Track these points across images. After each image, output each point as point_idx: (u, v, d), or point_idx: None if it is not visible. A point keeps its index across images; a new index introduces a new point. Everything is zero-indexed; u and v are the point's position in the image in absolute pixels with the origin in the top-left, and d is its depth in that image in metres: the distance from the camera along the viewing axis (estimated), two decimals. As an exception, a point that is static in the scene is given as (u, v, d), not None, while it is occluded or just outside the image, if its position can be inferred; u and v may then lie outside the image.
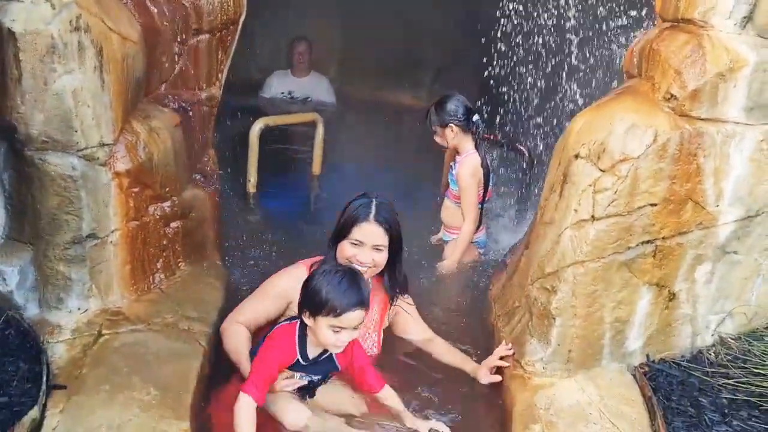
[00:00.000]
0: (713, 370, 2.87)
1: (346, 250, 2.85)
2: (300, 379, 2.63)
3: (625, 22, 4.17)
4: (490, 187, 3.96)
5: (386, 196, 2.95)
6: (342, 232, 2.86)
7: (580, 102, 4.49)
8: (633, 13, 4.10)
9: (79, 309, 2.83)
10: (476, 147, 3.86)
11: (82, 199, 2.72)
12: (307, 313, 2.52)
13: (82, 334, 2.75)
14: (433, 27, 6.43)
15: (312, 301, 2.49)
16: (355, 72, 6.69)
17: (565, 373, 2.80)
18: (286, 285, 2.87)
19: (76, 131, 2.64)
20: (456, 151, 3.91)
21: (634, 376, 2.86)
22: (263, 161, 4.63)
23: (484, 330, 3.29)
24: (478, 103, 4.94)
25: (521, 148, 4.52)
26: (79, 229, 2.75)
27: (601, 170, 2.70)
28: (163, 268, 3.13)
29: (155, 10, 3.13)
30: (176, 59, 3.31)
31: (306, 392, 2.69)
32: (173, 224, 3.16)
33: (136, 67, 2.94)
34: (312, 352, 2.61)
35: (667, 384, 2.82)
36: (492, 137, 4.65)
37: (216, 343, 2.90)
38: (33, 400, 2.37)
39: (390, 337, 3.14)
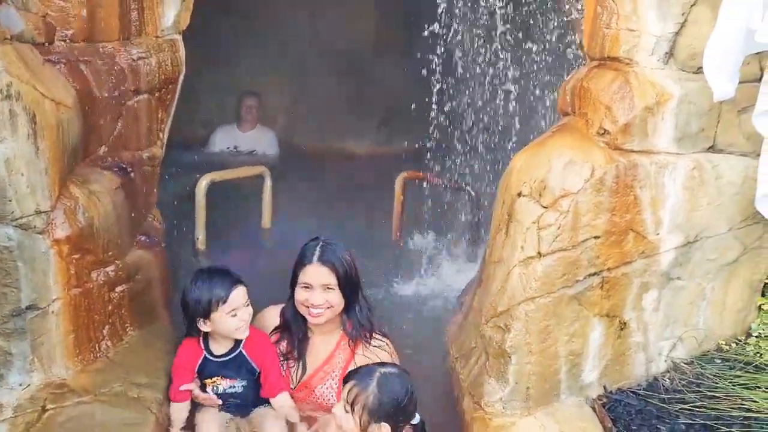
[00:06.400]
0: (669, 396, 2.90)
1: (299, 295, 2.88)
2: (214, 389, 2.86)
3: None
4: None
5: (334, 238, 2.94)
6: (294, 278, 2.90)
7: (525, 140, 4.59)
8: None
9: (20, 385, 2.70)
10: None
11: (20, 269, 2.63)
12: (201, 320, 2.79)
13: (25, 411, 2.62)
14: (377, 75, 6.55)
15: (200, 308, 2.77)
16: (302, 122, 6.73)
17: (525, 411, 2.79)
18: (268, 319, 3.04)
19: (10, 200, 2.57)
20: None
21: (593, 408, 2.87)
22: (211, 217, 4.58)
23: (442, 374, 3.27)
24: (427, 145, 5.02)
25: (469, 189, 4.59)
26: (17, 301, 2.65)
27: (543, 207, 2.76)
28: (110, 335, 3.02)
29: (90, 74, 3.09)
30: (115, 121, 3.27)
31: (233, 408, 2.87)
32: (118, 288, 3.07)
33: (72, 131, 2.89)
34: (217, 349, 2.87)
35: (626, 414, 2.84)
36: (440, 180, 4.71)
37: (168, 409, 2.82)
38: (-28, 486, 2.24)
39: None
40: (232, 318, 2.78)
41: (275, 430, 2.81)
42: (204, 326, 2.81)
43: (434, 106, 5.10)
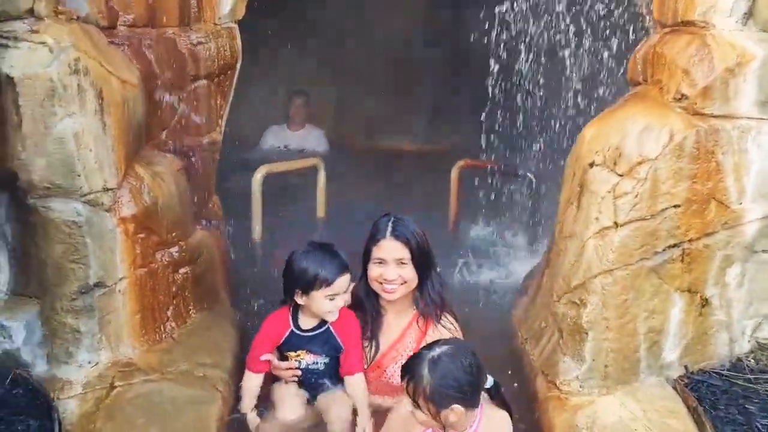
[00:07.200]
0: (755, 376, 2.75)
1: (372, 271, 2.81)
2: (297, 362, 2.77)
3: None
4: None
5: (405, 213, 2.87)
6: (366, 254, 2.83)
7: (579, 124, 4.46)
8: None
9: (89, 363, 2.70)
10: None
11: (88, 246, 2.63)
12: (299, 292, 2.71)
13: (94, 388, 2.62)
14: (424, 69, 6.50)
15: (303, 281, 2.69)
16: (351, 121, 6.71)
17: (603, 390, 2.67)
18: None
19: (78, 176, 2.57)
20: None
21: (675, 388, 2.73)
22: (266, 209, 4.57)
23: (511, 356, 3.16)
24: (481, 138, 4.89)
25: (528, 175, 4.48)
26: (86, 278, 2.65)
27: (619, 175, 2.64)
28: (174, 316, 3.01)
29: (152, 57, 3.11)
30: (176, 105, 3.28)
31: (307, 384, 2.79)
32: (182, 270, 3.06)
33: (137, 110, 2.90)
34: (305, 324, 2.78)
35: (711, 394, 2.69)
36: (497, 167, 4.63)
37: (234, 389, 2.79)
38: (45, 458, 2.23)
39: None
40: (329, 302, 2.70)
41: (342, 413, 2.74)
42: (299, 299, 2.72)
43: (487, 97, 5.00)
